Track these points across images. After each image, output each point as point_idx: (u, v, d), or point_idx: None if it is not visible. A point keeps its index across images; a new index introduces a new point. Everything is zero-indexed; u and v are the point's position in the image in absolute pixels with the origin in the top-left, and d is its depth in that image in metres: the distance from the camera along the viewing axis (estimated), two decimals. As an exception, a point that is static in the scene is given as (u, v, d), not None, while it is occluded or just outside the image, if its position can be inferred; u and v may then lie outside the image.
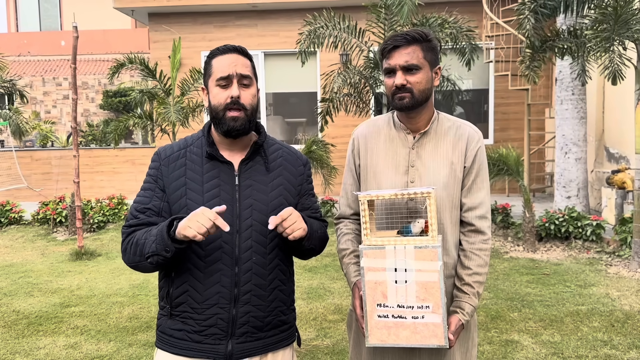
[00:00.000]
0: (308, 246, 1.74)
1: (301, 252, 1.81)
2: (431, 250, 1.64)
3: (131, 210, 1.76)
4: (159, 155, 1.80)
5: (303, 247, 1.73)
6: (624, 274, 5.65)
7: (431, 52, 1.84)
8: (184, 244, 1.61)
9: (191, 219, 1.55)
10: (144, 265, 1.69)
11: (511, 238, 7.14)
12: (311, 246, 1.75)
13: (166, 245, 1.59)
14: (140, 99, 9.22)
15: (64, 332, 4.46)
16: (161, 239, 1.61)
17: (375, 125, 1.98)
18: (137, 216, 1.74)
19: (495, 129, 10.91)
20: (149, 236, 1.66)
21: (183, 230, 1.55)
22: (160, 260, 1.63)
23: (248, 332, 1.72)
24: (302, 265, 6.23)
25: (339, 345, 4.06)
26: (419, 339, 1.67)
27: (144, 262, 1.67)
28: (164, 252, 1.60)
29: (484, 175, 1.90)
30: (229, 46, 1.75)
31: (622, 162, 8.16)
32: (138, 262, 1.69)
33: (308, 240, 1.72)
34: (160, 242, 1.61)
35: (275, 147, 1.86)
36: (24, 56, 19.92)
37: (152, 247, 1.62)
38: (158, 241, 1.61)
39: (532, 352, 3.88)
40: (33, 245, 7.83)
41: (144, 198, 1.75)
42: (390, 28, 7.39)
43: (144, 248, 1.65)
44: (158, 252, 1.61)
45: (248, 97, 1.72)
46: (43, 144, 15.34)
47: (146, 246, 1.64)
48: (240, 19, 11.09)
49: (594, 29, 5.61)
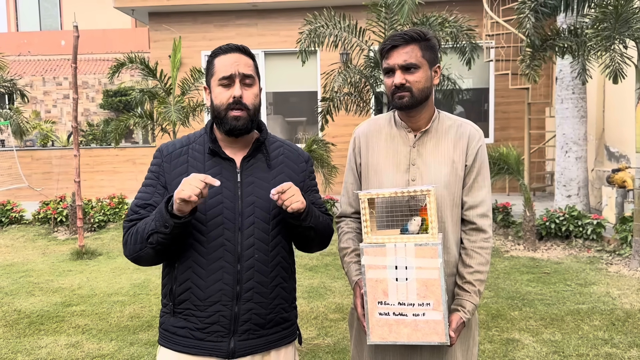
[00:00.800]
0: (307, 224, 1.71)
1: (303, 236, 1.78)
2: (431, 248, 1.64)
3: (132, 206, 1.77)
4: (161, 152, 1.80)
5: (302, 225, 1.71)
6: (624, 273, 5.65)
7: (430, 51, 1.84)
8: (182, 219, 1.60)
9: (183, 183, 1.56)
10: (146, 252, 1.68)
11: (512, 237, 7.15)
12: (310, 224, 1.72)
13: (165, 221, 1.59)
14: (141, 98, 9.22)
15: (65, 332, 4.47)
16: (160, 215, 1.61)
17: (377, 123, 1.99)
18: (137, 211, 1.74)
19: (495, 128, 10.92)
20: (148, 220, 1.66)
21: (177, 194, 1.55)
22: (160, 239, 1.63)
23: (250, 330, 1.72)
24: (303, 264, 6.23)
25: (340, 344, 4.07)
26: (420, 336, 1.67)
27: (144, 247, 1.66)
28: (162, 228, 1.60)
29: (485, 174, 1.90)
30: (231, 45, 1.74)
31: (622, 161, 8.17)
32: (139, 250, 1.69)
33: (307, 217, 1.70)
34: (159, 219, 1.61)
35: (276, 145, 1.86)
36: (24, 56, 19.92)
37: (151, 226, 1.63)
38: (157, 218, 1.62)
39: (532, 351, 3.89)
40: (34, 244, 7.83)
41: (145, 194, 1.76)
42: (391, 27, 7.40)
43: (144, 232, 1.66)
44: (157, 229, 1.61)
45: (250, 97, 1.73)
46: (43, 143, 15.34)
47: (146, 229, 1.65)
48: (240, 18, 11.09)
49: (594, 28, 5.61)
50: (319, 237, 1.82)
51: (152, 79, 8.83)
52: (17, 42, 20.20)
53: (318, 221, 1.77)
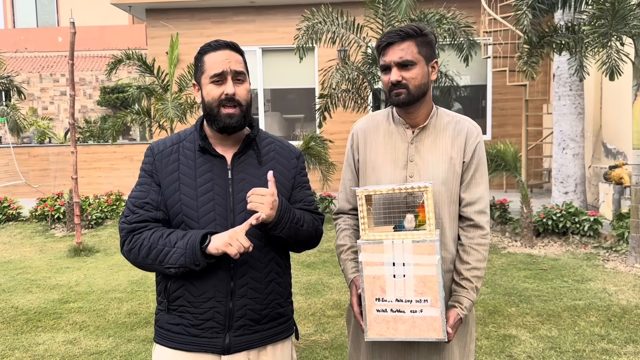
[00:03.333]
0: (277, 233, 1.70)
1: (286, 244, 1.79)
2: (429, 244, 1.64)
3: (128, 206, 1.75)
4: (152, 150, 1.80)
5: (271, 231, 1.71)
6: (621, 269, 5.67)
7: (426, 47, 1.84)
8: (214, 259, 1.64)
9: (231, 238, 1.60)
10: (154, 270, 1.71)
11: (509, 233, 7.16)
12: (281, 235, 1.71)
13: (197, 260, 1.62)
14: (138, 95, 9.21)
15: (62, 328, 4.46)
16: (192, 253, 1.62)
17: (375, 120, 1.98)
18: (135, 211, 1.73)
19: (493, 124, 10.92)
20: (170, 245, 1.66)
21: (224, 247, 1.59)
22: (182, 271, 1.66)
23: (245, 325, 1.72)
24: (300, 260, 6.24)
25: (338, 340, 4.08)
26: (417, 332, 1.68)
27: (156, 268, 1.69)
28: (193, 266, 1.63)
29: (482, 170, 1.90)
30: (220, 42, 1.73)
31: (619, 158, 8.18)
32: (148, 266, 1.70)
33: (276, 227, 1.69)
34: (190, 256, 1.63)
35: (267, 141, 1.86)
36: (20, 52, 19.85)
37: (180, 260, 1.64)
38: (188, 255, 1.63)
39: (529, 347, 3.90)
40: (31, 241, 7.82)
41: (141, 192, 1.75)
42: (389, 24, 7.39)
43: (164, 257, 1.66)
44: (187, 265, 1.63)
45: (243, 93, 1.73)
46: (40, 140, 15.30)
47: (169, 256, 1.65)
48: (237, 15, 11.07)
49: (591, 25, 5.61)
50: (298, 245, 1.82)
51: (150, 76, 8.82)
52: (14, 38, 20.12)
53: (295, 232, 1.75)
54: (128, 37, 19.05)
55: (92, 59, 19.37)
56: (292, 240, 1.76)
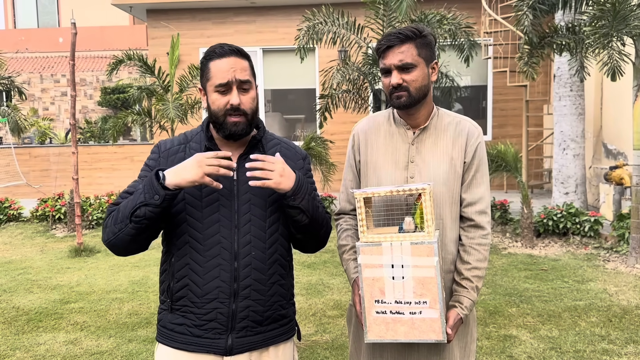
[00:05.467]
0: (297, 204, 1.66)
1: (298, 227, 1.74)
2: (427, 246, 1.65)
3: (120, 193, 1.75)
4: (159, 148, 1.81)
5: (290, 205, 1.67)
6: (621, 270, 5.67)
7: (426, 48, 1.84)
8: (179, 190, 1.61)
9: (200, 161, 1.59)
10: (126, 232, 1.64)
11: (509, 234, 7.16)
12: (300, 206, 1.68)
13: (156, 191, 1.58)
14: (139, 95, 9.21)
15: (63, 328, 4.47)
16: (150, 187, 1.59)
17: (375, 121, 1.99)
18: (123, 196, 1.72)
19: (493, 125, 10.93)
20: (132, 196, 1.64)
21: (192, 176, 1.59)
22: (148, 212, 1.60)
23: (248, 327, 1.73)
24: (301, 261, 6.24)
25: (338, 341, 4.08)
26: (417, 334, 1.68)
27: (125, 226, 1.62)
28: (153, 201, 1.58)
29: (483, 171, 1.90)
30: (225, 48, 1.71)
31: (620, 158, 8.18)
32: (118, 231, 1.64)
33: (296, 196, 1.65)
34: (148, 191, 1.59)
35: (273, 142, 1.86)
36: (21, 53, 19.87)
37: (139, 199, 1.60)
38: (146, 190, 1.59)
39: (530, 347, 3.90)
40: (32, 242, 7.83)
41: (136, 182, 1.76)
42: (389, 24, 7.40)
43: (126, 209, 1.63)
44: (146, 201, 1.59)
45: (248, 102, 1.72)
46: (41, 140, 15.32)
47: (128, 205, 1.62)
48: (238, 15, 11.07)
49: (592, 25, 5.61)
50: (314, 229, 1.77)
51: (150, 76, 8.82)
52: (14, 39, 20.15)
53: (314, 207, 1.73)
54: (129, 38, 19.07)
55: (93, 59, 19.39)
56: (310, 218, 1.71)
